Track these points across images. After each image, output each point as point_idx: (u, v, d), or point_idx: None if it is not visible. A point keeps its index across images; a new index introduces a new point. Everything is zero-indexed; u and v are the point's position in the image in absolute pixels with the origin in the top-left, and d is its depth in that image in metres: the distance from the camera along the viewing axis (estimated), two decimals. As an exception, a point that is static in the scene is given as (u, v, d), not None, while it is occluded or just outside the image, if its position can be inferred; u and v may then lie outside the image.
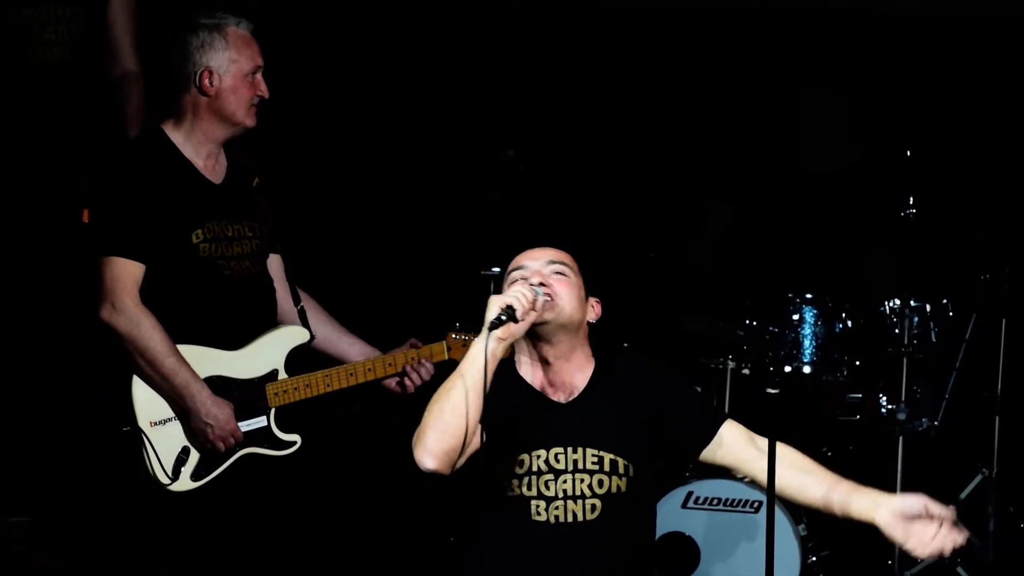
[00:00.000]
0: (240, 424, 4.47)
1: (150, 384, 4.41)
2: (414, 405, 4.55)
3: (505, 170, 6.21)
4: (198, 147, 4.56)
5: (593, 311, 3.86)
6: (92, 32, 5.31)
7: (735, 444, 3.80)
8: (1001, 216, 6.93)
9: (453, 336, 4.76)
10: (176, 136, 4.55)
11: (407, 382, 4.70)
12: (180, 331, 4.43)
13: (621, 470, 3.74)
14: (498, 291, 3.75)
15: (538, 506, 3.72)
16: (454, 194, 6.87)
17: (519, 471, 3.73)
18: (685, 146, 7.24)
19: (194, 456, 4.44)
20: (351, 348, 4.78)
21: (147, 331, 4.36)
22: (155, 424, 4.41)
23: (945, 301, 6.30)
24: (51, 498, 5.19)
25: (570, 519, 3.72)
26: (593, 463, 3.74)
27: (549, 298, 3.69)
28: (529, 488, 3.73)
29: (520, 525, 3.72)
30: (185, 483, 4.42)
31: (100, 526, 4.88)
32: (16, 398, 5.23)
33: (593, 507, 3.72)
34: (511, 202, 6.21)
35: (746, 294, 6.87)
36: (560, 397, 3.81)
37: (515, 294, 3.59)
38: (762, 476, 3.69)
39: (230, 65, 4.53)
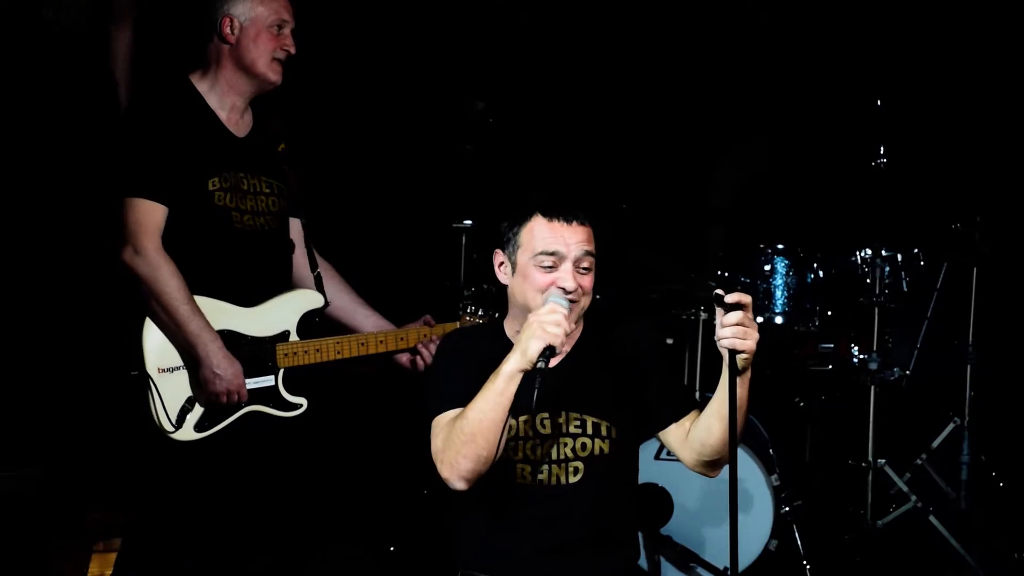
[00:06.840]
0: (247, 381, 4.46)
1: (164, 331, 4.38)
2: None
3: (476, 122, 6.16)
4: (222, 98, 4.56)
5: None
6: None
7: (678, 433, 3.74)
8: (972, 165, 6.93)
9: (467, 317, 4.77)
10: (201, 86, 4.56)
11: (418, 359, 4.72)
12: (194, 281, 4.40)
13: (604, 432, 3.74)
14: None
15: (523, 469, 3.73)
16: (425, 146, 6.82)
17: (506, 435, 3.71)
18: (658, 98, 7.21)
19: (199, 407, 4.41)
20: (366, 320, 4.79)
21: (166, 276, 4.33)
22: (163, 371, 4.38)
23: (916, 250, 6.30)
24: (60, 442, 5.17)
25: (553, 482, 3.72)
26: (576, 427, 3.74)
27: (575, 303, 3.66)
28: (515, 452, 3.73)
29: (505, 487, 3.72)
30: (188, 433, 4.40)
31: (105, 471, 4.94)
32: (25, 340, 5.17)
33: (576, 470, 3.72)
34: (482, 154, 6.17)
35: (718, 246, 6.87)
36: None
37: (554, 332, 3.49)
38: (681, 455, 3.74)
39: (251, 13, 4.53)
